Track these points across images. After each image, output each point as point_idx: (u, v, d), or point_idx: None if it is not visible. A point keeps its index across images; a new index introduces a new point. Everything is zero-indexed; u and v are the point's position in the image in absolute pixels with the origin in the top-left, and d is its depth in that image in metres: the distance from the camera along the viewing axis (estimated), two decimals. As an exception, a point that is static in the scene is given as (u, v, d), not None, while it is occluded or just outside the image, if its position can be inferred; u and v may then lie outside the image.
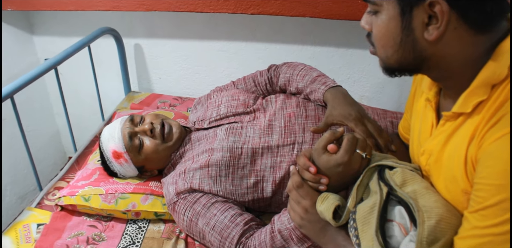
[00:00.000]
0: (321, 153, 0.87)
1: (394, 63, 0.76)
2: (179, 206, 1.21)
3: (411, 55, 0.72)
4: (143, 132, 1.31)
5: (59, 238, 1.26)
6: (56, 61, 1.54)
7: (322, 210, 0.86)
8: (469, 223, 0.66)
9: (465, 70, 0.70)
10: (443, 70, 0.73)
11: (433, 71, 0.76)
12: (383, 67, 0.80)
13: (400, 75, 0.79)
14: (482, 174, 0.64)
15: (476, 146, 0.67)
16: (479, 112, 0.68)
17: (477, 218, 0.64)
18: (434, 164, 0.80)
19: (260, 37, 1.84)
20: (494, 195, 0.60)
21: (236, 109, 1.32)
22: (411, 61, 0.74)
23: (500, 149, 0.60)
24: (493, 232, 0.60)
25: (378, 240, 0.74)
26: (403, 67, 0.76)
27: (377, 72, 1.81)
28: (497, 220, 0.60)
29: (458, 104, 0.72)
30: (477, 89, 0.68)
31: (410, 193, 0.78)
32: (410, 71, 0.78)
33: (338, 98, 1.16)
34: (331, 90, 1.20)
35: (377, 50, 0.78)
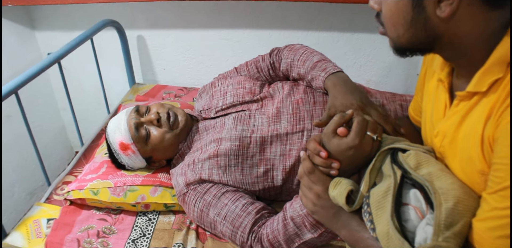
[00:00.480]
0: (331, 137, 0.86)
1: (406, 42, 0.74)
2: (189, 197, 1.21)
3: (423, 34, 0.70)
4: (150, 121, 1.30)
5: (69, 233, 1.26)
6: (59, 55, 1.52)
7: (334, 195, 0.85)
8: (488, 204, 0.64)
9: (479, 47, 0.68)
10: (456, 48, 0.71)
11: (446, 50, 0.74)
12: (393, 47, 0.78)
13: (412, 55, 0.77)
14: (501, 153, 0.62)
15: (493, 125, 0.65)
16: (495, 91, 0.66)
17: (496, 199, 0.62)
18: (448, 145, 0.79)
19: (264, 24, 1.82)
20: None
21: (243, 97, 1.30)
22: (423, 40, 0.72)
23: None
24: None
25: (394, 224, 0.73)
26: (415, 46, 0.74)
27: (383, 56, 1.82)
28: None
29: (472, 84, 0.70)
30: (493, 67, 0.66)
31: (425, 176, 0.77)
32: (422, 50, 0.76)
33: (339, 86, 1.13)
34: (331, 78, 1.17)
35: (387, 30, 0.76)
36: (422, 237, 0.70)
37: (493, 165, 0.64)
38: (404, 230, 0.74)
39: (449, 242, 0.66)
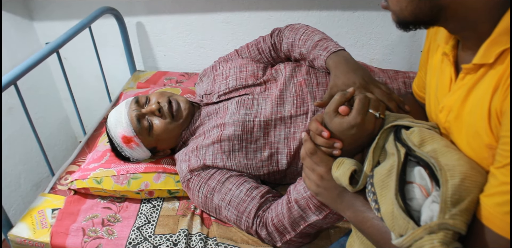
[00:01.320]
0: (333, 116, 0.84)
1: (409, 15, 0.71)
2: (193, 183, 1.20)
3: (427, 5, 0.68)
4: (151, 112, 1.28)
5: (74, 222, 1.26)
6: (57, 45, 1.51)
7: (338, 176, 0.84)
8: (496, 179, 0.63)
9: (485, 18, 0.65)
10: (461, 20, 0.69)
11: (451, 22, 0.71)
12: (396, 21, 0.75)
13: (415, 29, 0.75)
14: (508, 126, 0.60)
15: (500, 97, 0.63)
16: (503, 62, 0.64)
17: (504, 173, 0.60)
18: (454, 120, 0.77)
19: (264, 6, 1.79)
20: None
21: (245, 81, 1.28)
22: (427, 12, 0.69)
23: None
24: None
25: (398, 203, 0.71)
26: (419, 19, 0.72)
27: (386, 34, 1.79)
28: None
29: (479, 55, 0.68)
30: (500, 38, 0.64)
31: (429, 152, 0.75)
32: (426, 23, 0.74)
33: (340, 65, 1.10)
34: (332, 57, 1.14)
35: (390, 3, 0.74)
36: (428, 215, 0.68)
37: (501, 138, 0.62)
38: (409, 209, 0.72)
39: (456, 220, 0.64)
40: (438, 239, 0.64)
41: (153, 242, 1.18)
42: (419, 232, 0.66)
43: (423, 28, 0.76)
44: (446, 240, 0.64)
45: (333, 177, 0.85)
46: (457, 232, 0.65)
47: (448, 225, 0.64)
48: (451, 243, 0.64)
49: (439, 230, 0.64)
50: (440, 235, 0.64)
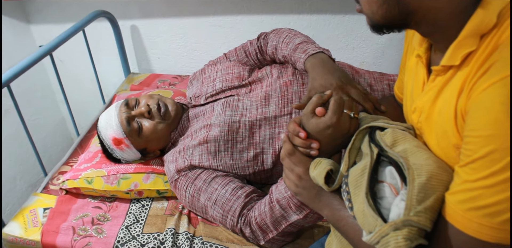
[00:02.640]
0: (310, 118, 0.86)
1: (380, 19, 0.73)
2: (180, 183, 1.22)
3: (396, 10, 0.70)
4: (141, 114, 1.31)
5: (65, 221, 1.28)
6: (51, 47, 1.54)
7: (314, 176, 0.86)
8: (459, 177, 0.64)
9: (453, 21, 0.68)
10: (431, 23, 0.71)
11: (421, 25, 0.73)
12: (370, 25, 0.78)
13: (388, 32, 0.77)
14: (471, 126, 0.62)
15: (465, 98, 0.65)
16: (468, 64, 0.66)
17: (467, 172, 0.62)
18: (425, 121, 0.79)
19: (255, 9, 1.82)
20: (483, 146, 0.58)
21: (231, 83, 1.31)
22: (396, 16, 0.71)
23: (489, 98, 0.58)
24: (484, 184, 0.59)
25: (369, 201, 0.74)
26: (390, 23, 0.74)
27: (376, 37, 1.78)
28: (487, 172, 0.58)
29: (446, 57, 0.70)
30: (465, 40, 0.66)
31: (400, 152, 0.78)
32: (398, 26, 0.76)
33: (317, 67, 1.12)
34: (310, 59, 1.16)
35: (363, 7, 0.76)
36: (396, 213, 0.70)
37: (464, 138, 0.64)
38: (379, 207, 0.74)
39: (420, 217, 0.66)
40: (402, 235, 0.66)
41: (140, 241, 1.21)
42: (385, 228, 0.68)
43: (396, 31, 0.78)
44: (410, 236, 0.66)
45: (311, 177, 0.87)
46: (422, 229, 0.67)
47: (413, 222, 0.66)
48: (416, 239, 0.66)
49: (403, 227, 0.66)
50: (405, 232, 0.66)
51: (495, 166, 0.57)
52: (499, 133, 0.56)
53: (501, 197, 0.57)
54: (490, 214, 0.58)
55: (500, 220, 0.58)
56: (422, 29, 0.76)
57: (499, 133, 0.56)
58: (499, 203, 0.57)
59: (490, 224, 0.59)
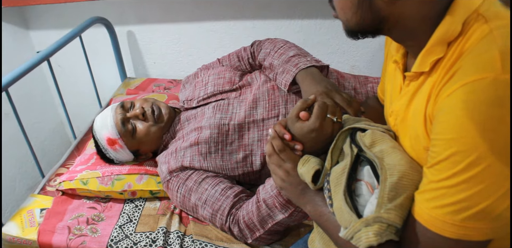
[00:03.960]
0: (295, 121, 0.90)
1: (354, 25, 0.77)
2: (172, 184, 1.26)
3: (369, 16, 0.73)
4: (135, 116, 1.36)
5: (61, 221, 1.33)
6: (48, 53, 1.59)
7: (302, 172, 0.89)
8: (426, 177, 0.68)
9: (424, 29, 0.70)
10: (402, 30, 0.74)
11: (394, 32, 0.76)
12: (345, 30, 0.81)
13: (363, 37, 0.80)
14: (436, 129, 0.65)
15: (433, 103, 0.68)
16: (437, 71, 0.69)
17: (432, 173, 0.65)
18: (400, 124, 0.83)
19: (248, 15, 1.87)
20: (446, 149, 0.61)
21: (222, 87, 1.36)
22: (370, 23, 0.74)
23: (451, 103, 0.61)
24: (446, 184, 0.62)
25: (345, 199, 0.77)
26: (363, 29, 0.77)
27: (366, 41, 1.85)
28: (449, 172, 0.61)
29: (417, 64, 0.73)
30: (433, 48, 0.69)
31: (377, 153, 0.81)
32: (371, 32, 0.78)
33: (306, 79, 1.18)
34: (301, 73, 1.21)
35: (338, 13, 0.79)
36: (370, 209, 0.74)
37: (431, 140, 0.67)
38: (356, 204, 0.78)
39: (390, 214, 0.70)
40: (373, 231, 0.70)
41: (133, 240, 1.25)
42: (358, 224, 0.72)
43: (370, 37, 0.82)
44: (380, 232, 0.69)
45: (298, 173, 0.91)
46: (393, 226, 0.71)
47: (383, 219, 0.70)
48: (386, 235, 0.70)
49: (374, 223, 0.70)
50: (375, 227, 0.70)
51: (456, 167, 0.60)
52: (460, 136, 0.59)
53: (462, 196, 0.60)
54: (452, 212, 0.62)
55: (461, 218, 0.61)
56: (394, 35, 0.79)
57: (460, 136, 0.59)
58: (460, 202, 0.60)
59: (452, 221, 0.62)
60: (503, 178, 0.58)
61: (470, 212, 0.60)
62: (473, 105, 0.58)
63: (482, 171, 0.58)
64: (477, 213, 0.60)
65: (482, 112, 0.57)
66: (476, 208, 0.60)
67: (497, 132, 0.57)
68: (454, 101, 0.61)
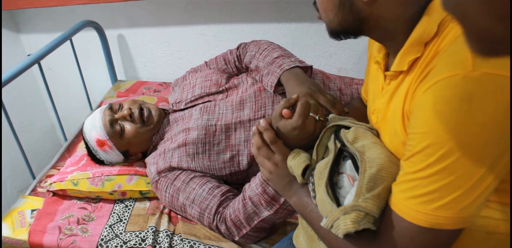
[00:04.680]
0: (279, 120, 0.94)
1: (336, 26, 0.80)
2: (160, 184, 1.29)
3: (350, 17, 0.76)
4: (123, 117, 1.39)
5: (51, 221, 1.34)
6: (39, 56, 1.61)
7: (292, 165, 0.92)
8: (402, 169, 0.71)
9: (401, 29, 0.74)
10: (382, 31, 0.78)
11: (374, 33, 0.80)
12: (328, 31, 0.84)
13: (345, 38, 0.83)
14: (412, 124, 0.69)
15: (409, 100, 0.72)
16: (414, 70, 0.73)
17: (408, 165, 0.69)
18: (381, 121, 0.86)
19: (236, 19, 1.90)
20: (420, 142, 0.65)
21: (209, 89, 1.39)
22: (351, 23, 0.78)
23: (425, 100, 0.64)
24: (420, 176, 0.65)
25: (327, 190, 0.81)
26: (345, 29, 0.80)
27: (353, 44, 1.89)
28: (423, 164, 0.64)
29: (395, 63, 0.77)
30: (411, 48, 0.73)
31: (358, 148, 0.85)
32: (353, 33, 0.82)
33: (291, 80, 1.21)
34: (285, 74, 1.25)
35: (321, 15, 0.83)
36: (349, 199, 0.78)
37: (408, 135, 0.71)
38: (338, 195, 0.81)
39: (367, 203, 0.73)
40: (350, 218, 0.73)
41: (123, 239, 1.27)
42: (337, 213, 0.75)
43: (352, 37, 0.85)
44: (358, 220, 0.73)
45: (288, 165, 0.94)
46: (371, 215, 0.74)
47: (360, 207, 0.73)
48: (363, 223, 0.73)
49: (352, 211, 0.73)
50: (353, 215, 0.73)
51: (429, 159, 0.63)
52: (432, 130, 0.62)
53: (434, 187, 0.64)
54: (425, 202, 0.65)
55: (433, 207, 0.64)
56: (375, 36, 0.83)
57: (432, 130, 0.62)
58: (432, 192, 0.64)
59: (424, 210, 0.65)
60: (472, 171, 0.61)
61: (441, 202, 0.63)
62: (445, 100, 0.61)
63: (452, 163, 0.61)
64: (447, 203, 0.63)
65: (453, 107, 0.60)
66: (446, 199, 0.63)
67: (467, 126, 0.59)
68: (428, 97, 0.64)
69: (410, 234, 0.69)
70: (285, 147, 0.95)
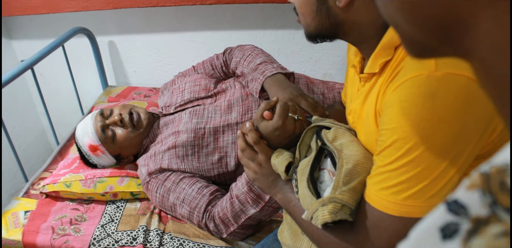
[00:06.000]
0: (260, 121, 0.99)
1: (314, 30, 0.86)
2: (151, 185, 1.34)
3: (327, 22, 0.82)
4: (114, 123, 1.43)
5: (44, 222, 1.38)
6: (32, 62, 1.65)
7: (275, 163, 0.98)
8: (375, 164, 0.77)
9: (374, 33, 0.80)
10: (356, 35, 0.83)
11: (349, 36, 0.85)
12: (306, 35, 0.90)
13: (322, 41, 0.89)
14: (382, 121, 0.74)
15: (381, 99, 0.78)
16: (385, 71, 0.79)
17: (379, 159, 0.75)
18: (357, 121, 0.92)
19: (225, 26, 1.96)
20: (389, 137, 0.70)
21: (198, 94, 1.44)
22: (327, 27, 0.83)
23: (393, 98, 0.70)
24: (390, 168, 0.71)
25: (308, 185, 0.87)
26: (322, 33, 0.86)
27: (337, 49, 1.97)
28: (392, 158, 0.70)
29: (368, 66, 0.83)
30: (382, 51, 0.79)
31: (337, 146, 0.91)
32: (329, 37, 0.87)
33: (273, 86, 1.27)
34: (268, 80, 1.31)
35: (300, 19, 0.89)
36: (327, 192, 0.84)
37: (379, 131, 0.77)
38: (319, 190, 0.87)
39: (344, 195, 0.79)
40: (328, 209, 0.79)
41: (115, 238, 1.31)
42: (316, 204, 0.81)
43: (328, 41, 0.91)
44: (334, 211, 0.79)
45: (272, 163, 0.99)
46: (347, 206, 0.80)
47: (337, 199, 0.79)
48: (340, 214, 0.79)
49: (329, 203, 0.79)
50: (330, 207, 0.79)
51: (397, 153, 0.69)
52: (400, 125, 0.68)
53: (403, 178, 0.69)
54: (395, 192, 0.71)
55: (402, 197, 0.70)
56: (350, 40, 0.89)
57: (400, 125, 0.68)
58: (401, 183, 0.70)
59: (394, 200, 0.71)
60: (436, 162, 0.66)
61: (409, 192, 0.69)
62: (410, 98, 0.67)
63: (418, 156, 0.67)
64: (415, 193, 0.69)
65: (417, 104, 0.66)
66: (414, 189, 0.69)
67: (430, 121, 0.65)
68: (396, 96, 0.70)
69: (383, 223, 0.74)
70: (268, 147, 1.00)
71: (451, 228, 0.27)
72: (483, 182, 0.26)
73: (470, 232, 0.26)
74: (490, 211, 0.25)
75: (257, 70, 1.36)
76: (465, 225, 0.26)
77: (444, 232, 0.27)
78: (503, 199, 0.25)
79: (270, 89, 1.28)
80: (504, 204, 0.25)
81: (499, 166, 0.25)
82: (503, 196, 0.25)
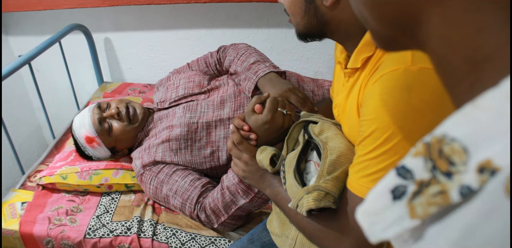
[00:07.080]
0: (251, 115, 1.04)
1: (303, 29, 0.90)
2: (145, 177, 1.38)
3: (315, 21, 0.86)
4: (111, 116, 1.48)
5: (41, 212, 1.42)
6: (29, 57, 1.68)
7: (260, 159, 1.03)
8: (356, 153, 0.82)
9: (357, 32, 0.84)
10: (343, 33, 0.88)
11: (336, 35, 0.90)
12: (296, 34, 0.94)
13: (311, 40, 0.94)
14: (362, 112, 0.79)
15: (362, 92, 0.82)
16: (367, 66, 0.84)
17: (360, 148, 0.79)
18: (342, 115, 0.97)
19: (218, 24, 2.01)
20: (369, 127, 0.74)
21: (192, 90, 1.49)
22: (316, 26, 0.88)
23: (373, 90, 0.75)
24: (369, 157, 0.75)
25: (295, 176, 0.92)
26: (311, 32, 0.90)
27: (328, 48, 2.02)
28: (371, 147, 0.74)
29: (351, 61, 0.87)
30: (364, 47, 0.83)
31: (323, 138, 0.96)
32: (317, 35, 0.92)
33: (266, 85, 1.32)
34: (261, 80, 1.35)
35: (291, 19, 0.93)
36: (312, 181, 0.89)
37: (360, 122, 0.82)
38: (305, 180, 0.92)
39: (327, 183, 0.84)
40: (312, 197, 0.84)
41: (110, 228, 1.35)
42: (301, 193, 0.86)
43: (317, 40, 0.96)
44: (318, 198, 0.83)
45: (257, 160, 1.04)
46: (331, 194, 0.85)
47: (321, 187, 0.84)
48: (324, 202, 0.84)
49: (314, 191, 0.84)
50: (314, 194, 0.84)
51: (376, 142, 0.74)
52: (378, 116, 0.73)
53: (381, 166, 0.74)
54: (374, 179, 0.75)
55: None
56: (337, 38, 0.94)
57: (378, 116, 0.73)
58: (379, 171, 0.74)
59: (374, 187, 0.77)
60: None
61: None
62: (388, 90, 0.71)
63: (395, 145, 0.72)
64: None
65: (394, 96, 0.70)
66: None
67: (406, 112, 0.70)
68: (375, 88, 0.74)
69: (363, 209, 0.79)
70: (251, 145, 1.05)
71: (400, 190, 0.32)
72: (426, 150, 0.31)
73: (414, 193, 0.31)
74: (431, 175, 0.30)
75: (250, 69, 1.40)
76: (411, 187, 0.31)
77: (394, 193, 0.32)
78: (441, 164, 0.30)
79: (264, 88, 1.33)
80: (442, 168, 0.30)
81: (438, 137, 0.30)
82: (441, 161, 0.30)
